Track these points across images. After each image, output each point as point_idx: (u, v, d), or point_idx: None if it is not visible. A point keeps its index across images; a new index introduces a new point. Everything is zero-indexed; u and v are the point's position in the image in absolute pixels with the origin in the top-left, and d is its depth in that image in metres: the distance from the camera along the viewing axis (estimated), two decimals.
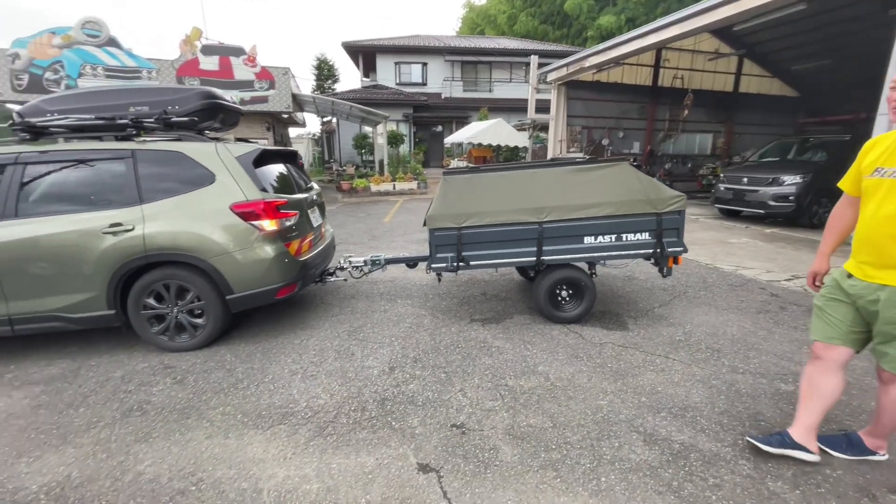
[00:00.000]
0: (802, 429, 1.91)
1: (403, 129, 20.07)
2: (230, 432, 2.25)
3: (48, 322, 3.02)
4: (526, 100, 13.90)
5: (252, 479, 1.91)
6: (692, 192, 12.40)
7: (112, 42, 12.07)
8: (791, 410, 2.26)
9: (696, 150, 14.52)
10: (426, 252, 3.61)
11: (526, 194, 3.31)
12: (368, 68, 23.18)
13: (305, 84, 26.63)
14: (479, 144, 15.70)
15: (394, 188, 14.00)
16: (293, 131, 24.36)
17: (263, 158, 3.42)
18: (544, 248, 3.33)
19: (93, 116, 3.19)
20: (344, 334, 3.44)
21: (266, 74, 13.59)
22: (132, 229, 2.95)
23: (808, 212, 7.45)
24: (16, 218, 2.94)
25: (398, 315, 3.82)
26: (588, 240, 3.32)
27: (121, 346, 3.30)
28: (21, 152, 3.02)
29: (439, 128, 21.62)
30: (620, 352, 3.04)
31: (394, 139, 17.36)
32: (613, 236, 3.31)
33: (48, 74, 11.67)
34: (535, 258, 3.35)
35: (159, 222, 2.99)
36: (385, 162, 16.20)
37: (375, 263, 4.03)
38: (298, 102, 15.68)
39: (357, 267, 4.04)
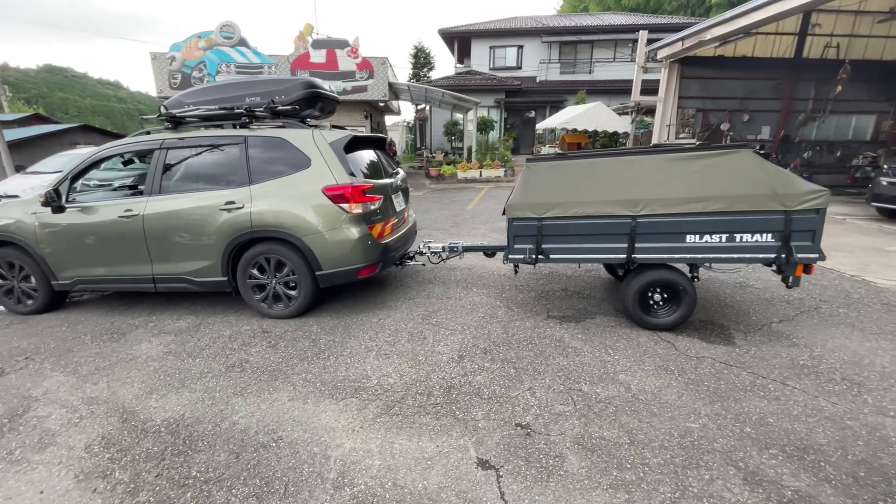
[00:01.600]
0: None
1: (494, 115, 19.71)
2: (309, 398, 2.44)
3: (178, 283, 3.59)
4: (630, 81, 12.64)
5: (322, 445, 2.05)
6: (841, 187, 10.21)
7: (242, 42, 13.78)
8: None
9: (849, 135, 11.86)
10: (506, 241, 3.50)
11: (619, 184, 2.99)
12: (463, 54, 23.13)
13: (402, 72, 27.57)
14: (574, 130, 14.78)
15: (480, 175, 13.92)
16: (388, 119, 25.52)
17: (354, 144, 3.60)
18: (637, 244, 2.98)
19: (216, 107, 3.64)
20: (418, 317, 3.51)
21: (366, 65, 14.35)
22: (242, 207, 3.33)
23: None
24: (160, 194, 3.52)
25: (472, 304, 3.78)
26: (691, 238, 2.90)
27: (232, 308, 3.80)
28: (164, 139, 3.59)
29: (532, 113, 20.83)
30: (722, 370, 2.63)
31: (483, 125, 17.17)
32: (724, 236, 2.84)
33: (195, 73, 13.80)
34: (625, 255, 3.03)
35: (263, 202, 3.33)
36: (473, 149, 16.16)
37: (453, 250, 4.04)
38: (394, 91, 16.30)
39: (435, 253, 4.09)
